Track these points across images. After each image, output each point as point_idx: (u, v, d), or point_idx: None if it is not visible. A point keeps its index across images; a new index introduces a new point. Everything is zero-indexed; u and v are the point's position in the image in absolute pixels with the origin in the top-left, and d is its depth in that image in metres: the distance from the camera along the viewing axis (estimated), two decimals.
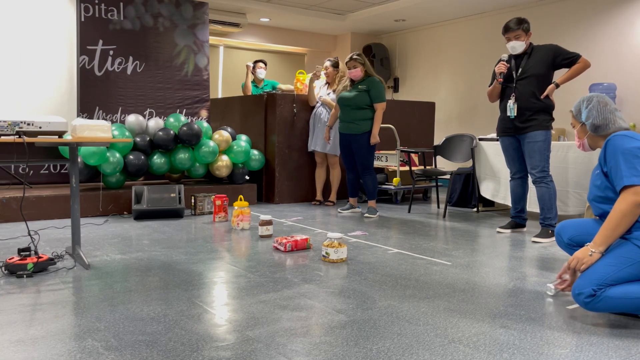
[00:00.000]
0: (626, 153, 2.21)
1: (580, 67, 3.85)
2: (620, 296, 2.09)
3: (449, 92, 8.54)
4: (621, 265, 2.12)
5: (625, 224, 2.17)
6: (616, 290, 2.10)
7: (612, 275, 2.11)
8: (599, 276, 2.13)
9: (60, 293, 2.50)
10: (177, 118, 5.43)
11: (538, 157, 3.90)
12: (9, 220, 4.40)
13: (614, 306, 2.11)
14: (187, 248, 3.52)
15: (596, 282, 2.12)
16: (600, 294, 2.10)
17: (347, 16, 8.58)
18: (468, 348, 1.92)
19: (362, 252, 3.47)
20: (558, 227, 2.66)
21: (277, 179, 5.81)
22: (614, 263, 2.13)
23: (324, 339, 1.98)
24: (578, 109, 2.53)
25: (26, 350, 1.84)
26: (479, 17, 8.07)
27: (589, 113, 2.46)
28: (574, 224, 2.58)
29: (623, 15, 6.41)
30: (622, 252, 2.15)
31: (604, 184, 2.31)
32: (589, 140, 2.51)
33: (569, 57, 3.88)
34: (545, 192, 3.90)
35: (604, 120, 2.42)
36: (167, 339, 1.96)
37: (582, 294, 2.15)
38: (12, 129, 2.74)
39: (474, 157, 5.31)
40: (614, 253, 2.17)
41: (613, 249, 2.20)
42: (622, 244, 2.19)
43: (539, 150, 3.89)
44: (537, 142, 3.89)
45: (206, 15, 6.12)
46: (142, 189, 4.71)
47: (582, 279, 2.19)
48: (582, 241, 2.50)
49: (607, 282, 2.11)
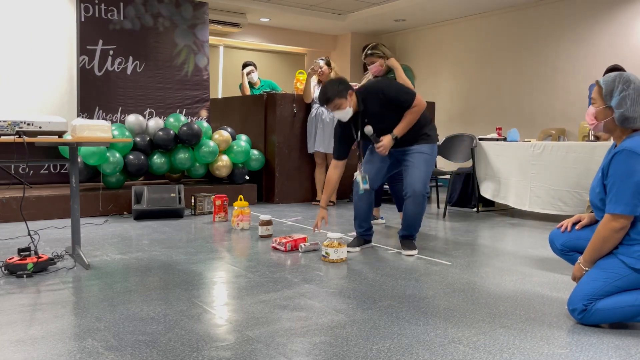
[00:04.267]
0: (625, 179, 2.09)
1: (412, 120, 3.39)
2: (610, 307, 2.11)
3: (449, 92, 8.54)
4: (609, 279, 2.13)
5: (607, 247, 2.17)
6: (606, 302, 2.11)
7: (601, 289, 2.13)
8: (589, 291, 2.14)
9: (60, 293, 2.50)
10: (177, 118, 5.43)
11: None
12: (9, 220, 4.40)
13: (606, 317, 2.13)
14: (187, 248, 3.51)
15: (587, 297, 2.14)
16: (591, 308, 2.12)
17: (347, 16, 8.58)
18: (468, 348, 1.92)
19: (362, 252, 3.47)
20: (550, 234, 2.66)
21: (277, 179, 5.81)
22: (602, 278, 2.14)
23: (324, 339, 1.98)
24: (610, 90, 2.16)
25: (26, 350, 1.84)
26: (479, 17, 8.07)
27: (622, 101, 2.13)
28: (566, 232, 2.57)
29: (623, 16, 6.41)
30: (609, 267, 2.16)
31: (602, 194, 2.24)
32: (608, 125, 2.22)
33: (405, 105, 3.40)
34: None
35: (634, 114, 2.13)
36: (167, 339, 1.96)
37: (576, 309, 2.17)
38: (12, 128, 2.74)
39: (474, 157, 5.31)
40: (601, 268, 2.18)
41: (601, 264, 2.20)
42: (608, 258, 2.19)
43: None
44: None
45: (206, 15, 6.12)
46: (142, 189, 4.71)
47: (573, 294, 2.21)
48: (575, 245, 2.51)
49: (597, 297, 2.13)
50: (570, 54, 6.94)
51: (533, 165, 4.78)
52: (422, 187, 3.35)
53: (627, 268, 2.11)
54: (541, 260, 3.30)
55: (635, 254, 2.10)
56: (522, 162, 4.89)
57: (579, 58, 6.85)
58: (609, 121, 2.20)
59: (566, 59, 6.98)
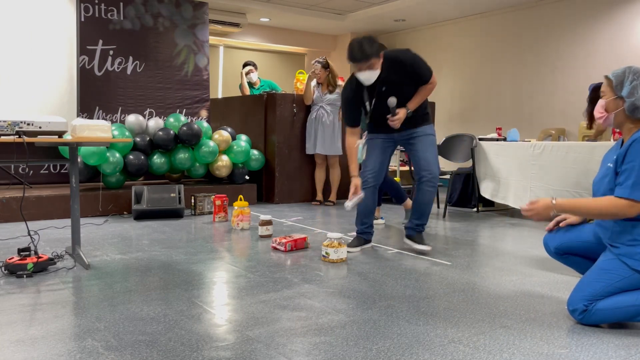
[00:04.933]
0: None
1: (425, 94, 3.37)
2: (611, 307, 2.11)
3: (449, 92, 8.54)
4: (610, 281, 2.14)
5: (595, 216, 2.21)
6: (606, 303, 2.12)
7: (602, 290, 2.14)
8: (589, 292, 2.15)
9: (60, 293, 2.50)
10: (177, 118, 5.43)
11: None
12: (9, 220, 4.40)
13: (607, 317, 2.14)
14: (187, 248, 3.51)
15: (588, 297, 2.15)
16: (592, 308, 2.13)
17: (347, 16, 8.58)
18: (468, 348, 1.92)
19: (362, 252, 3.47)
20: (545, 238, 2.66)
21: (277, 179, 5.81)
22: (604, 279, 2.15)
23: (324, 339, 1.98)
24: (620, 81, 2.18)
25: (26, 350, 1.84)
26: (479, 17, 8.07)
27: (633, 90, 2.13)
28: (559, 234, 2.57)
29: (623, 15, 6.41)
30: (611, 268, 2.16)
31: (612, 183, 2.20)
32: (618, 117, 2.21)
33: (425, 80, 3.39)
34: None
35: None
36: (167, 339, 1.96)
37: (576, 310, 2.18)
38: (12, 129, 2.74)
39: (474, 157, 5.31)
40: (603, 269, 2.18)
41: (602, 265, 2.20)
42: (610, 259, 2.19)
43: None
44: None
45: (206, 15, 6.12)
46: (142, 189, 4.71)
47: (573, 295, 2.21)
48: (569, 247, 2.52)
49: (597, 297, 2.14)
50: (570, 54, 6.94)
51: (533, 165, 4.78)
52: (437, 169, 3.38)
53: (629, 269, 2.12)
54: (541, 260, 3.30)
55: (637, 255, 2.11)
56: (522, 162, 4.89)
57: (579, 58, 6.85)
58: (620, 112, 2.19)
59: (566, 59, 6.98)
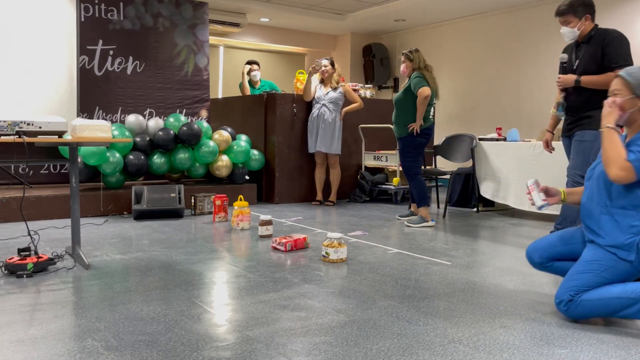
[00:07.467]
0: None
1: (604, 81, 3.12)
2: (596, 298, 2.11)
3: (449, 92, 8.53)
4: (596, 271, 2.14)
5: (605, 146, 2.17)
6: (593, 293, 2.12)
7: (588, 281, 2.13)
8: (576, 283, 2.15)
9: (60, 293, 2.50)
10: (177, 118, 5.43)
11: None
12: (9, 220, 4.40)
13: (593, 308, 2.12)
14: (187, 248, 3.52)
15: (574, 288, 2.15)
16: (577, 299, 2.13)
17: (347, 16, 8.58)
18: (468, 348, 1.92)
19: (362, 252, 3.47)
20: (528, 250, 2.54)
21: (277, 179, 5.81)
22: (589, 269, 2.15)
23: (324, 339, 1.98)
24: (638, 80, 2.18)
25: (26, 350, 1.84)
26: (479, 17, 8.07)
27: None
28: (540, 244, 2.50)
29: (623, 15, 6.41)
30: (596, 258, 2.17)
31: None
32: (634, 114, 2.21)
33: (611, 66, 3.20)
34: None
35: None
36: (167, 339, 1.96)
37: (562, 301, 2.17)
38: (12, 129, 2.74)
39: (474, 157, 5.31)
40: (588, 261, 2.18)
41: (587, 257, 2.20)
42: (595, 250, 2.19)
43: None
44: (584, 142, 3.42)
45: (206, 15, 6.11)
46: (142, 189, 4.71)
47: (560, 287, 2.21)
48: (551, 254, 2.45)
49: (583, 288, 2.13)
50: None
51: (533, 165, 4.78)
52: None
53: (614, 259, 2.12)
54: None
55: (624, 245, 2.11)
56: (522, 162, 4.89)
57: None
58: (636, 111, 2.20)
59: None
